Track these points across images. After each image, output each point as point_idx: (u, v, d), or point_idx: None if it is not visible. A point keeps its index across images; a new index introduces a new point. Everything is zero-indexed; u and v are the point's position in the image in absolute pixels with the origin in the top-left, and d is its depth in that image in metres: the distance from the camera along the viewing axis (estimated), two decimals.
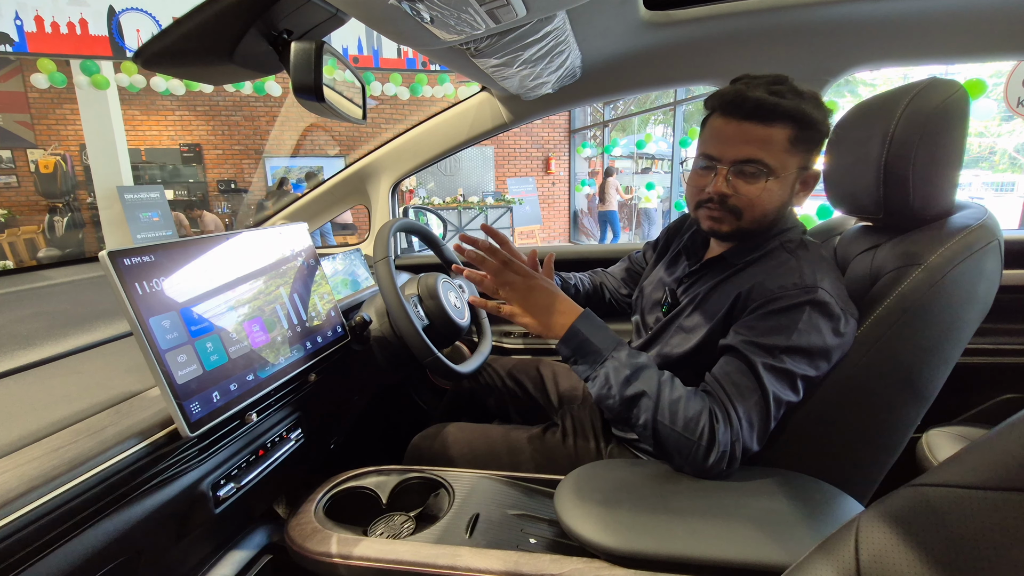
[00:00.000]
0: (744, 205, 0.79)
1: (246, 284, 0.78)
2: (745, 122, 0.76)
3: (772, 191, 0.78)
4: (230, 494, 0.74)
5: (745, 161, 0.77)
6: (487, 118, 1.38)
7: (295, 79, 0.57)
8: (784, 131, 0.75)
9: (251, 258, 0.81)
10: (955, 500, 0.42)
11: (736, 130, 0.77)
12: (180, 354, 0.64)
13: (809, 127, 0.76)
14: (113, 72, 5.84)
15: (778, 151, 0.76)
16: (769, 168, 0.76)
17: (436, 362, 0.98)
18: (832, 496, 0.71)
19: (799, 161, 0.78)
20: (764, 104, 0.74)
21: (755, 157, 0.76)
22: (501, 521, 0.78)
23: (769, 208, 0.79)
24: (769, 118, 0.75)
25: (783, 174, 0.77)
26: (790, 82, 0.78)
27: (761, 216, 0.80)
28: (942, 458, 1.18)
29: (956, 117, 0.74)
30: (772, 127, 0.75)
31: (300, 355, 0.86)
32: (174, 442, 0.63)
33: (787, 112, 0.74)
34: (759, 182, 0.77)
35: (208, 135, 8.25)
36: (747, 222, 0.80)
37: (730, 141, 0.77)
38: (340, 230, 7.23)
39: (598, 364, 0.77)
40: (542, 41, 0.87)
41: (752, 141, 0.76)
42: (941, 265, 0.72)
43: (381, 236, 1.03)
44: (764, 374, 0.71)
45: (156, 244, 0.65)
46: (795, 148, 0.77)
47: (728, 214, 0.81)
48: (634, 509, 0.69)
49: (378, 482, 0.88)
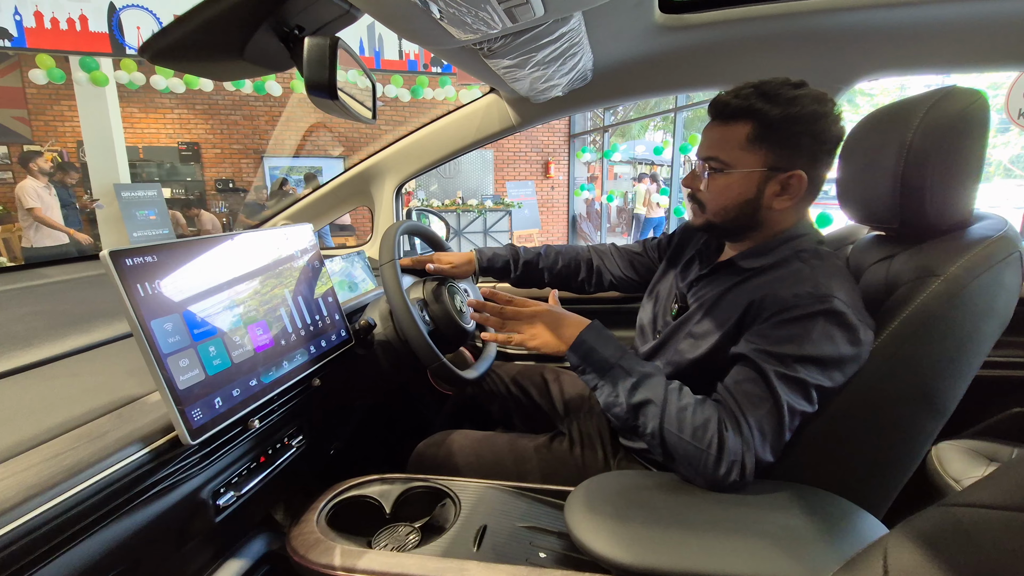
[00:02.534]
0: (706, 199, 0.85)
1: (250, 286, 0.76)
2: (712, 123, 0.83)
3: (730, 186, 0.81)
4: (230, 502, 0.72)
5: (706, 158, 0.83)
6: (495, 120, 1.37)
7: (308, 76, 0.55)
8: (742, 129, 0.78)
9: (255, 259, 0.79)
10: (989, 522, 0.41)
11: (706, 131, 0.84)
12: (182, 358, 0.62)
13: (768, 125, 0.77)
14: (112, 69, 5.80)
15: (733, 148, 0.79)
16: (724, 163, 0.80)
17: (441, 367, 0.96)
18: (850, 512, 0.69)
19: (762, 159, 0.78)
20: (719, 104, 0.80)
21: (712, 154, 0.82)
22: (510, 534, 0.76)
23: (729, 203, 0.82)
24: (725, 117, 0.80)
25: (739, 169, 0.80)
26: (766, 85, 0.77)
27: (721, 209, 0.83)
28: (953, 472, 1.18)
29: (976, 126, 0.72)
30: (728, 125, 0.80)
31: (304, 359, 0.84)
32: (175, 449, 0.60)
33: (739, 110, 0.78)
34: (715, 177, 0.82)
35: (207, 134, 8.20)
36: (711, 214, 0.85)
37: (702, 141, 0.85)
38: (339, 231, 7.20)
39: (605, 372, 0.78)
40: (557, 42, 0.86)
41: (713, 140, 0.82)
42: (961, 277, 0.70)
43: (387, 239, 1.01)
44: (776, 383, 0.70)
45: (159, 244, 0.63)
46: (754, 145, 0.78)
47: (697, 206, 0.87)
48: (647, 523, 0.67)
49: (381, 491, 0.86)
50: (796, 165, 0.78)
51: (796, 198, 0.80)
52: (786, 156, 0.78)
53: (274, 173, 8.31)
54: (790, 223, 0.84)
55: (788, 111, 0.75)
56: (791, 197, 0.80)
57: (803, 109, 0.76)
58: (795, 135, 0.77)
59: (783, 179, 0.79)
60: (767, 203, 0.81)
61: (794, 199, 0.80)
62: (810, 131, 0.77)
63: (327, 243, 6.07)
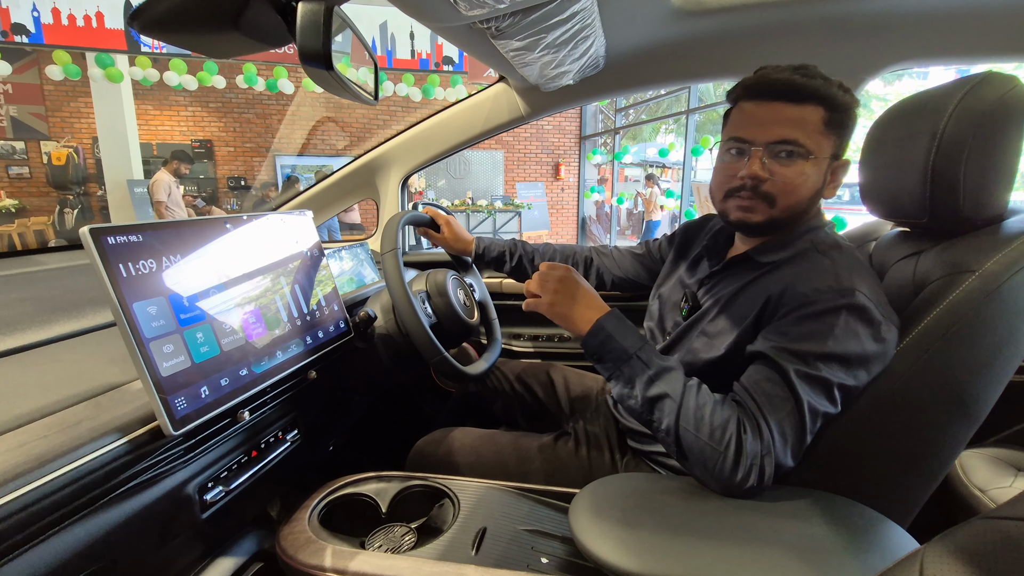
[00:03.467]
0: (779, 190, 0.75)
1: (244, 272, 0.73)
2: (776, 103, 0.73)
3: (808, 175, 0.74)
4: (218, 498, 0.69)
5: (781, 142, 0.73)
6: (503, 110, 1.33)
7: (301, 44, 0.52)
8: (817, 111, 0.73)
9: (251, 245, 0.76)
10: None
11: (768, 111, 0.74)
12: (166, 344, 0.58)
13: (839, 110, 0.73)
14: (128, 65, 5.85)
15: (813, 132, 0.73)
16: (806, 149, 0.73)
17: (443, 362, 0.92)
18: (876, 522, 0.64)
19: (832, 146, 0.75)
20: (794, 84, 0.72)
21: (791, 137, 0.73)
22: (510, 537, 0.72)
23: (804, 194, 0.75)
24: (800, 98, 0.72)
25: (819, 156, 0.74)
26: (815, 68, 0.75)
27: (796, 203, 0.76)
28: (978, 482, 1.12)
29: (1014, 114, 0.68)
30: (805, 107, 0.73)
31: (300, 350, 0.80)
32: (157, 440, 0.57)
33: (817, 92, 0.72)
34: (796, 164, 0.73)
35: (220, 131, 8.26)
36: (780, 210, 0.76)
37: (763, 122, 0.74)
38: (348, 230, 7.21)
39: (622, 363, 0.73)
40: (567, 23, 0.82)
41: (786, 121, 0.73)
42: (998, 272, 0.65)
43: (389, 228, 0.97)
44: (797, 382, 0.66)
45: (145, 223, 0.60)
46: (828, 131, 0.74)
47: (760, 201, 0.76)
48: (657, 529, 0.63)
49: (378, 489, 0.82)
50: (844, 151, 0.77)
51: (839, 186, 0.79)
52: (843, 144, 0.76)
53: (286, 171, 8.35)
54: (813, 215, 0.80)
55: (847, 97, 0.73)
56: (836, 186, 0.78)
57: (852, 95, 0.74)
58: (849, 121, 0.75)
59: (836, 167, 0.77)
60: (821, 193, 0.78)
61: (838, 187, 0.78)
62: (855, 118, 0.76)
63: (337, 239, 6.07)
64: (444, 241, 1.20)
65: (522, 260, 1.18)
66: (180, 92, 6.98)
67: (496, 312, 1.29)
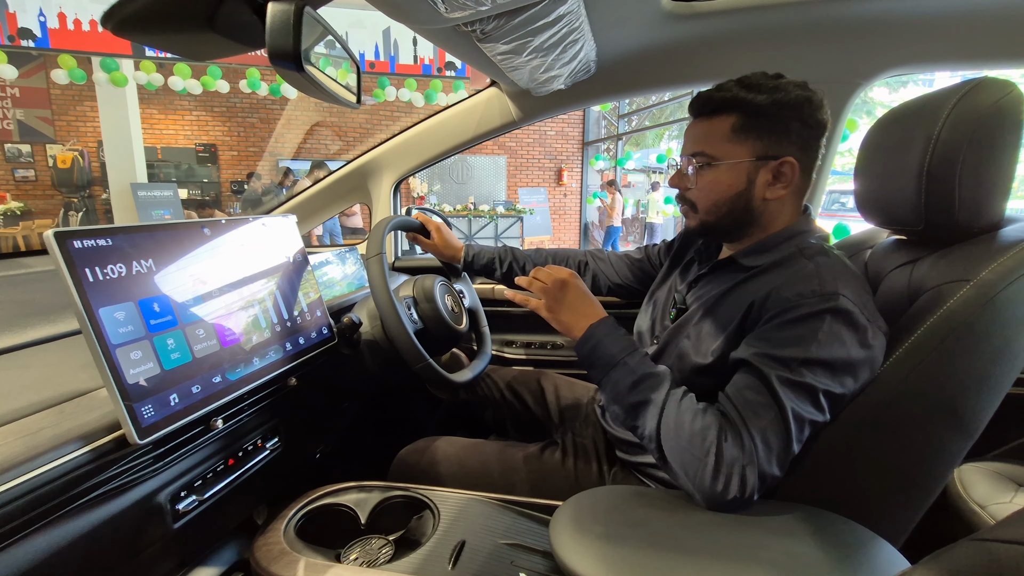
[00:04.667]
0: (696, 197, 0.81)
1: (221, 277, 0.72)
2: (695, 120, 0.81)
3: (719, 180, 0.78)
4: (192, 507, 0.67)
5: (692, 155, 0.80)
6: (495, 115, 1.32)
7: (270, 43, 0.50)
8: (726, 121, 0.76)
9: (229, 249, 0.75)
10: None
11: (690, 129, 0.82)
12: (134, 350, 0.57)
13: (755, 114, 0.75)
14: (133, 70, 5.89)
15: (719, 141, 0.77)
16: (710, 157, 0.78)
17: (428, 369, 0.90)
18: (866, 540, 0.62)
19: (749, 149, 0.76)
20: (701, 99, 0.78)
21: (697, 150, 0.79)
22: (490, 551, 0.70)
23: (719, 197, 0.79)
24: (709, 111, 0.78)
25: (727, 162, 0.77)
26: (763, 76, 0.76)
27: (713, 205, 0.80)
28: (977, 497, 1.09)
29: (1011, 119, 0.66)
30: (713, 119, 0.78)
31: (279, 357, 0.79)
32: (122, 449, 0.56)
33: (723, 103, 0.76)
34: (703, 172, 0.79)
35: (224, 136, 8.31)
36: (703, 213, 0.81)
37: (687, 139, 0.82)
38: (350, 234, 7.21)
39: (610, 368, 0.74)
40: (554, 26, 0.80)
41: (697, 136, 0.80)
42: (994, 281, 0.63)
43: (375, 232, 0.96)
44: (780, 389, 0.64)
45: (115, 227, 0.59)
46: (740, 136, 0.76)
47: (689, 208, 0.83)
48: (639, 545, 0.61)
49: (358, 499, 0.81)
50: (787, 152, 0.76)
51: (790, 186, 0.77)
52: (775, 143, 0.75)
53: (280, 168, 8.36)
54: (789, 218, 0.80)
55: (775, 97, 0.74)
56: (784, 185, 0.77)
57: (789, 95, 0.74)
58: (784, 120, 0.74)
59: (774, 167, 0.76)
60: (759, 194, 0.77)
61: (788, 187, 0.77)
62: (799, 116, 0.74)
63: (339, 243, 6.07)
64: (433, 247, 1.19)
65: (512, 267, 1.17)
66: (185, 96, 7.03)
67: (488, 319, 1.27)
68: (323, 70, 0.64)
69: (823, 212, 7.85)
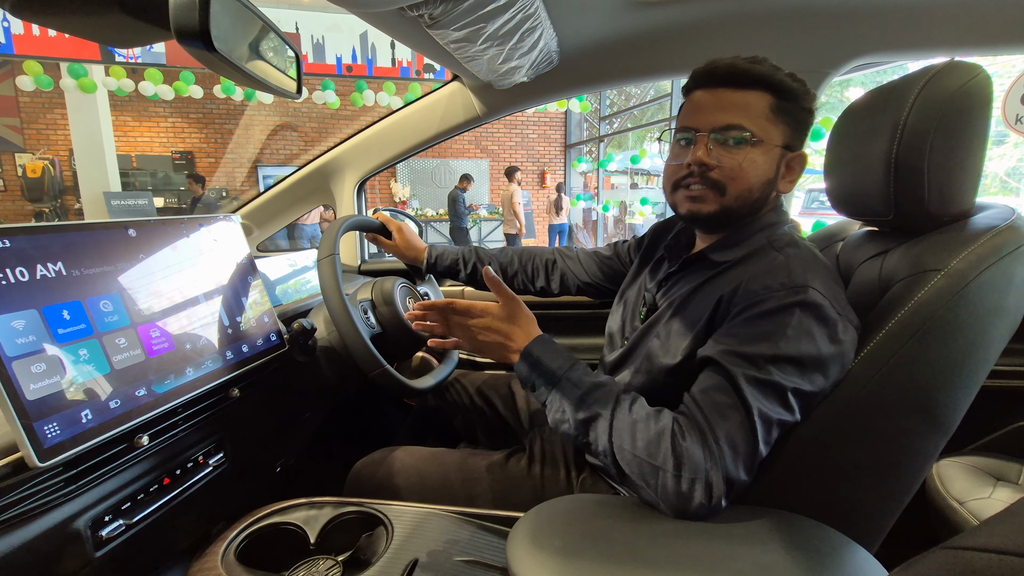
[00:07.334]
0: (727, 177, 0.71)
1: (147, 281, 0.66)
2: (720, 89, 0.71)
3: (756, 161, 0.70)
4: (117, 532, 0.61)
5: (725, 127, 0.70)
6: (459, 111, 1.27)
7: (175, 20, 0.46)
8: (763, 97, 0.70)
9: (158, 251, 0.69)
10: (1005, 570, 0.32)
11: (713, 98, 0.71)
12: (35, 363, 0.51)
13: (789, 98, 0.70)
14: (103, 76, 5.74)
15: (758, 117, 0.70)
16: (752, 134, 0.69)
17: (385, 375, 0.85)
18: (840, 545, 0.59)
19: (782, 135, 0.71)
20: (737, 68, 0.70)
21: (735, 122, 0.69)
22: (445, 570, 0.65)
23: (754, 182, 0.71)
24: (745, 83, 0.70)
25: (766, 143, 0.70)
26: (765, 59, 0.72)
27: (746, 191, 0.71)
28: (955, 492, 1.07)
29: (978, 103, 0.64)
30: (749, 92, 0.70)
31: (218, 366, 0.73)
32: (21, 473, 0.50)
33: (763, 78, 0.69)
34: (742, 150, 0.70)
35: (201, 143, 8.17)
36: (731, 198, 0.72)
37: (708, 109, 0.71)
38: None
39: (552, 386, 0.69)
40: (507, 11, 0.77)
41: (730, 107, 0.70)
42: (965, 271, 0.61)
43: (328, 233, 0.91)
44: (746, 388, 0.60)
45: (16, 227, 0.54)
46: (777, 118, 0.70)
47: (710, 190, 0.72)
48: (599, 559, 0.56)
49: (307, 516, 0.75)
50: (800, 144, 0.73)
51: (796, 182, 0.75)
52: (796, 135, 0.73)
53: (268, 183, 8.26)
54: (771, 210, 0.77)
55: (797, 85, 0.70)
56: (792, 180, 0.75)
57: (805, 85, 0.71)
58: (803, 112, 0.72)
59: (791, 159, 0.73)
60: (777, 187, 0.74)
61: (795, 183, 0.75)
62: (811, 109, 0.73)
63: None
64: (395, 248, 1.14)
65: (477, 268, 1.12)
66: (160, 103, 6.88)
67: None
68: (253, 55, 0.60)
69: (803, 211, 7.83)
